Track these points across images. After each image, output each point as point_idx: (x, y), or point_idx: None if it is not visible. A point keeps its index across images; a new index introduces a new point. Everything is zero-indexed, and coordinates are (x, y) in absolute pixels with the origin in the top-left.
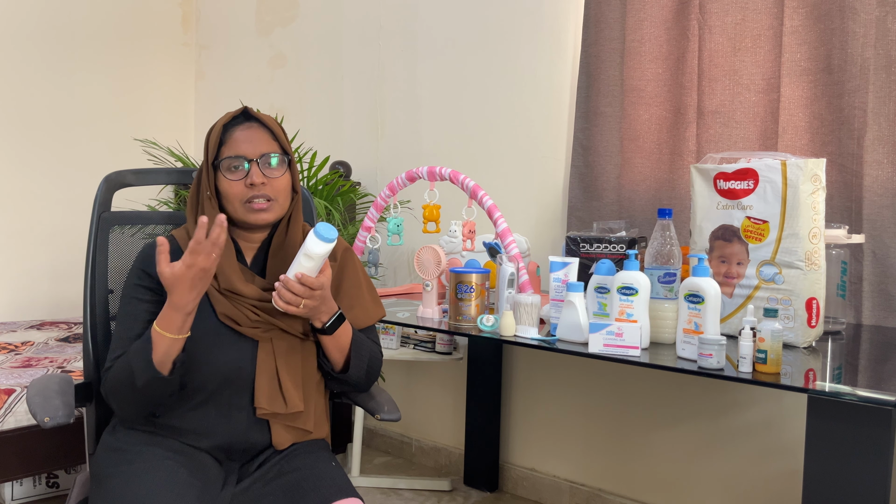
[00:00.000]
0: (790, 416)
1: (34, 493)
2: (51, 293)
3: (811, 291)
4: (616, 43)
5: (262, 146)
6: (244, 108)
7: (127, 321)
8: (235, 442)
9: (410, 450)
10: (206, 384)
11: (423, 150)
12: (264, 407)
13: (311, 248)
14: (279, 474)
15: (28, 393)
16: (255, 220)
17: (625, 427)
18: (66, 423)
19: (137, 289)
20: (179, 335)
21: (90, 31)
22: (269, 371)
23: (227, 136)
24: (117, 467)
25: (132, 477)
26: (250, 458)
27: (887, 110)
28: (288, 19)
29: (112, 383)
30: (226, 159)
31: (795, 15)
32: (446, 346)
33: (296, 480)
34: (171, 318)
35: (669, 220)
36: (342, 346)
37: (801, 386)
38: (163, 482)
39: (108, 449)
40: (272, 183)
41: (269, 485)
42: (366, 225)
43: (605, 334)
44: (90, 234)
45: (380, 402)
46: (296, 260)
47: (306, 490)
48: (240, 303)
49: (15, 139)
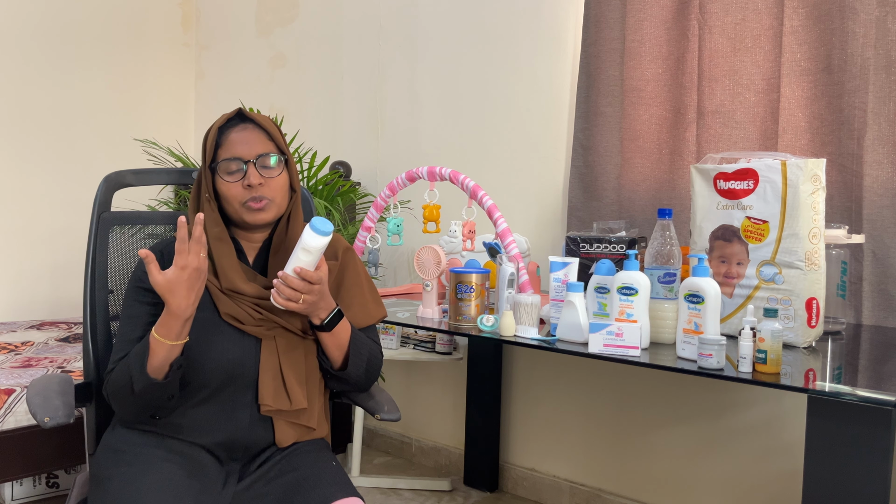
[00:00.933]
0: (790, 416)
1: (34, 493)
2: (51, 293)
3: (811, 291)
4: (616, 43)
5: (257, 147)
6: (239, 110)
7: (128, 323)
8: (238, 439)
9: (410, 450)
10: (209, 382)
11: (423, 150)
12: (269, 404)
13: (308, 243)
14: (280, 473)
15: (28, 393)
16: (253, 220)
17: (625, 427)
18: (66, 423)
19: (139, 291)
20: (178, 341)
21: (90, 31)
22: (273, 368)
23: (224, 138)
24: (117, 468)
25: (131, 478)
26: (252, 457)
27: (887, 110)
28: (288, 19)
29: (112, 387)
30: (223, 162)
31: (795, 15)
32: (446, 346)
33: (296, 479)
34: (169, 324)
35: (669, 220)
36: (341, 344)
37: (801, 386)
38: (160, 484)
39: (108, 449)
40: (269, 183)
41: (270, 484)
42: (366, 225)
43: (605, 334)
44: (90, 234)
45: (380, 401)
46: (293, 255)
47: (307, 489)
48: (242, 302)
49: (15, 139)
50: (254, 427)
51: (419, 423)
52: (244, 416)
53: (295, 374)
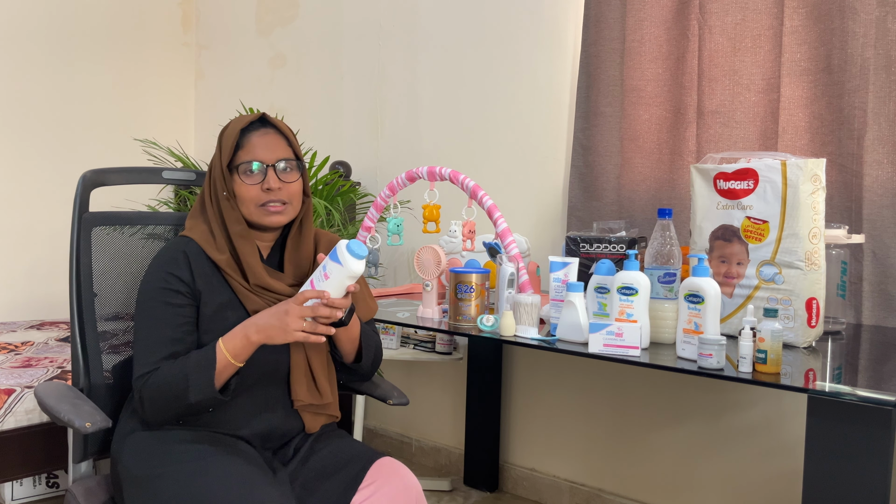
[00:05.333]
0: (790, 416)
1: (34, 493)
2: (50, 293)
3: (811, 291)
4: (616, 43)
5: (278, 152)
6: (262, 114)
7: (157, 325)
8: (275, 430)
9: (410, 450)
10: (245, 379)
11: (423, 150)
12: (303, 399)
13: (354, 269)
14: (312, 452)
15: (47, 402)
16: (270, 222)
17: (625, 427)
18: (106, 426)
19: (165, 292)
20: (237, 362)
21: (90, 31)
22: (303, 366)
23: (245, 140)
24: (166, 467)
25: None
26: (283, 445)
27: (887, 110)
28: (288, 19)
29: (158, 391)
30: (243, 163)
31: (795, 15)
32: (446, 346)
33: (331, 454)
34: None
35: (669, 220)
36: (354, 338)
37: (801, 386)
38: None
39: (141, 451)
40: (287, 188)
41: (307, 463)
42: (366, 225)
43: (605, 334)
44: (72, 236)
45: (386, 389)
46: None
47: (344, 460)
48: (270, 299)
49: (15, 139)
50: (287, 418)
51: (419, 423)
52: (277, 409)
53: (321, 369)
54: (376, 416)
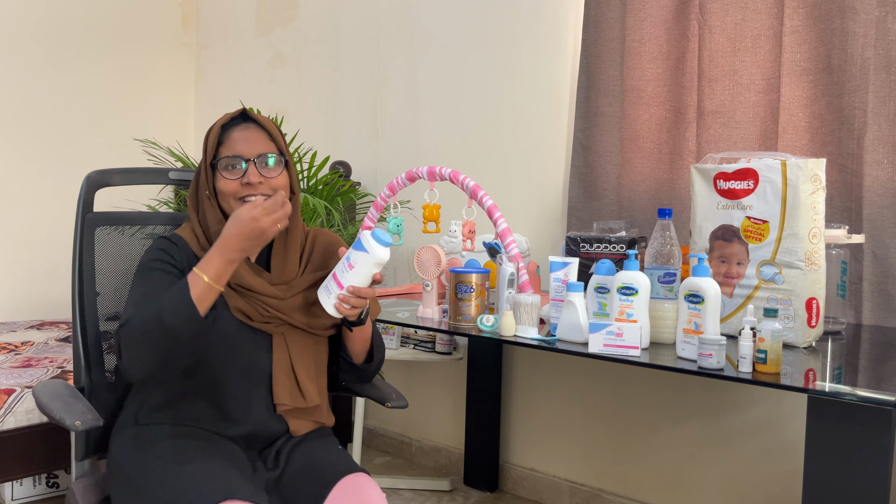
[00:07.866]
0: (790, 416)
1: (34, 493)
2: (50, 293)
3: (811, 291)
4: (616, 43)
5: (259, 146)
6: (243, 110)
7: (149, 285)
8: (258, 431)
9: (410, 450)
10: (226, 378)
11: (423, 150)
12: (285, 402)
13: (380, 256)
14: (294, 458)
15: (43, 400)
16: None
17: (625, 427)
18: (97, 425)
19: (160, 262)
20: (216, 283)
21: (90, 30)
22: (286, 367)
23: (226, 136)
24: (146, 463)
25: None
26: (267, 445)
27: (887, 110)
28: (288, 19)
29: (133, 327)
30: (223, 159)
31: (795, 15)
32: (446, 346)
33: (310, 461)
34: (210, 259)
35: (669, 220)
36: (367, 338)
37: (801, 386)
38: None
39: (128, 447)
40: (269, 182)
41: (287, 467)
42: (366, 225)
43: (605, 334)
44: (75, 235)
45: (386, 391)
46: (359, 266)
47: (320, 468)
48: (251, 298)
49: (15, 139)
50: (271, 420)
51: (419, 423)
52: (261, 411)
53: (306, 371)
54: (376, 416)
